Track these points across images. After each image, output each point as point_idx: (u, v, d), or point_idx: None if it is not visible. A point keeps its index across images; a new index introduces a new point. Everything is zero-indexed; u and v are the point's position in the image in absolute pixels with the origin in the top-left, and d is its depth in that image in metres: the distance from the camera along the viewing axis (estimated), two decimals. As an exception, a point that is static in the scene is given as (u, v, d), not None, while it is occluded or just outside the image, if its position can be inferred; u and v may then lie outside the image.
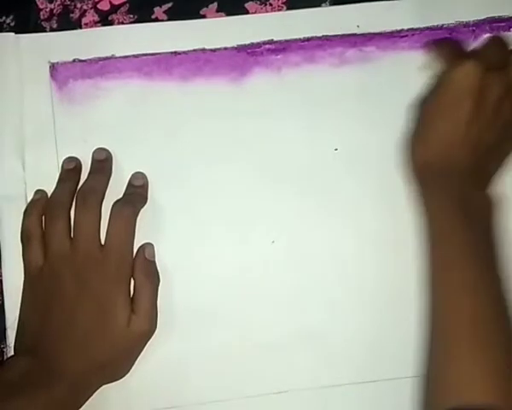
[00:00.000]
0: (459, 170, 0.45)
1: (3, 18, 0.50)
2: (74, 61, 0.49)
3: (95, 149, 0.49)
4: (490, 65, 0.45)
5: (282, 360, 0.48)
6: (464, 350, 0.40)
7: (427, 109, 0.47)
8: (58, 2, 0.51)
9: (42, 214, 0.46)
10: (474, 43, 0.50)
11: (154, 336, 0.46)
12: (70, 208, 0.46)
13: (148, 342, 0.46)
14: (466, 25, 0.50)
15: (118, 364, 0.46)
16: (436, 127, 0.46)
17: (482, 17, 0.50)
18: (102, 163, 0.48)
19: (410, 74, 0.50)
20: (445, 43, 0.50)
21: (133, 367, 0.46)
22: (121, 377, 0.46)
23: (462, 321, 0.41)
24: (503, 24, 0.50)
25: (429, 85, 0.48)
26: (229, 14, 0.50)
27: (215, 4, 0.51)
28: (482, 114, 0.45)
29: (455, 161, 0.45)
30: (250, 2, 0.51)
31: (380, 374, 0.48)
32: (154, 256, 0.47)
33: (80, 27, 0.50)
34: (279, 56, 0.50)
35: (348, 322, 0.48)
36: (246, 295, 0.48)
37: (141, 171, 0.49)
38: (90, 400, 0.45)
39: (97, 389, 0.45)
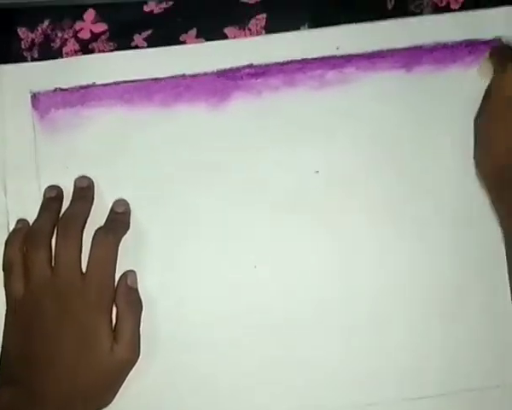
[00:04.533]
0: None
1: (-15, 48, 0.51)
2: (55, 90, 0.50)
3: (77, 176, 0.49)
4: None
5: (267, 387, 0.47)
6: None
7: (486, 121, 0.47)
8: (39, 32, 0.51)
9: (23, 243, 0.46)
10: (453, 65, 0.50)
11: (137, 364, 0.46)
12: (51, 237, 0.46)
13: (132, 371, 0.46)
14: (445, 46, 0.50)
15: (101, 392, 0.45)
16: (498, 136, 0.46)
17: (461, 39, 0.51)
18: (84, 191, 0.48)
19: (390, 95, 0.50)
20: (496, 48, 0.50)
21: (117, 396, 0.46)
22: (105, 407, 0.46)
23: None
24: (481, 46, 0.50)
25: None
26: (208, 39, 0.51)
27: (194, 30, 0.51)
28: None
29: None
30: (229, 27, 0.51)
31: (369, 398, 0.48)
32: (136, 284, 0.47)
33: (61, 56, 0.51)
34: (259, 80, 0.50)
35: (335, 346, 0.48)
36: (229, 322, 0.48)
37: (123, 198, 0.49)
38: (73, 430, 0.44)
39: (80, 418, 0.45)
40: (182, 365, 0.47)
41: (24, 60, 0.51)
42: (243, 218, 0.49)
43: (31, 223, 0.48)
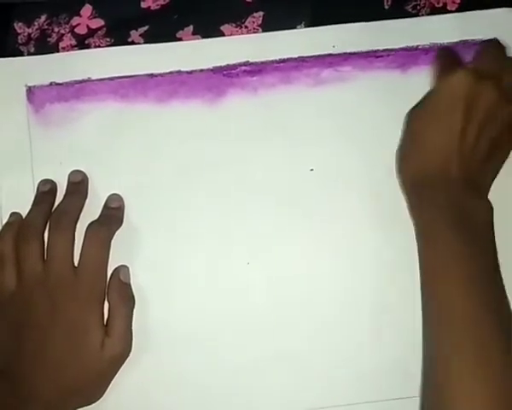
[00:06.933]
0: (453, 179, 0.44)
1: (-19, 42, 0.51)
2: (51, 84, 0.50)
3: (70, 171, 0.49)
4: (483, 73, 0.45)
5: (259, 383, 0.47)
6: (465, 368, 0.39)
7: (419, 119, 0.46)
8: (36, 27, 0.51)
9: (16, 237, 0.46)
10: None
11: (128, 359, 0.46)
12: (44, 231, 0.46)
13: (123, 366, 0.46)
14: (440, 46, 0.50)
15: (91, 387, 0.45)
16: (428, 137, 0.45)
17: (456, 39, 0.51)
18: (78, 185, 0.48)
19: (385, 94, 0.50)
20: (441, 52, 0.50)
21: (107, 391, 0.46)
22: (95, 401, 0.46)
23: (454, 331, 0.40)
24: (476, 47, 0.50)
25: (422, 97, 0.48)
26: (204, 36, 0.51)
27: (191, 27, 0.51)
28: (475, 122, 0.44)
29: (447, 168, 0.44)
30: (226, 25, 0.51)
31: (361, 397, 0.47)
32: (129, 279, 0.47)
33: (58, 51, 0.51)
34: (255, 78, 0.50)
35: (327, 343, 0.48)
36: (222, 318, 0.47)
37: (117, 193, 0.48)
38: (62, 424, 0.44)
39: (71, 413, 0.45)
40: (173, 360, 0.47)
41: (20, 54, 0.51)
42: (237, 214, 0.49)
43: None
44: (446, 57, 0.49)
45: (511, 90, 0.45)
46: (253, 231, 0.48)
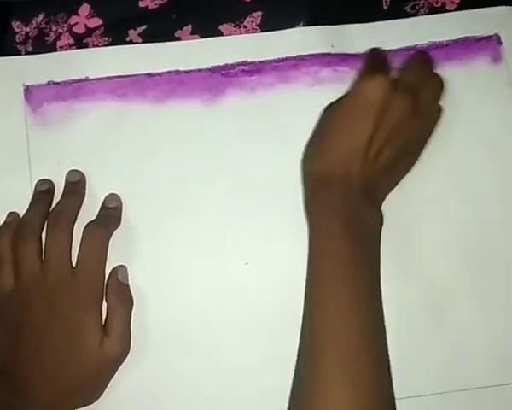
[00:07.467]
0: (351, 183, 0.44)
1: (-22, 41, 0.51)
2: (49, 83, 0.49)
3: (68, 171, 0.48)
4: (401, 83, 0.44)
5: (257, 384, 0.47)
6: (328, 368, 0.40)
7: (331, 117, 0.46)
8: (33, 26, 0.51)
9: (13, 237, 0.46)
10: (447, 64, 0.50)
11: (126, 359, 0.45)
12: (41, 230, 0.46)
13: (121, 366, 0.45)
14: (439, 45, 0.50)
15: (89, 388, 0.45)
16: (336, 137, 0.45)
17: (455, 37, 0.51)
18: (75, 185, 0.48)
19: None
20: (372, 52, 0.49)
21: (105, 391, 0.46)
22: (93, 402, 0.45)
23: (328, 338, 0.41)
24: (475, 46, 0.50)
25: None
26: (203, 36, 0.51)
27: (189, 27, 0.51)
28: (382, 131, 0.44)
29: (348, 172, 0.44)
30: (224, 25, 0.51)
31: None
32: (127, 279, 0.47)
33: (55, 50, 0.50)
34: (253, 77, 0.50)
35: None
36: (220, 318, 0.47)
37: (114, 193, 0.48)
38: (60, 425, 0.44)
39: (68, 414, 0.45)
40: (171, 360, 0.47)
41: (18, 53, 0.51)
42: (235, 214, 0.48)
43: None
44: (374, 59, 0.49)
45: (426, 105, 0.45)
46: (251, 231, 0.48)
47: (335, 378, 0.39)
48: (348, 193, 0.44)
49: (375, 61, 0.48)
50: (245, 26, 0.51)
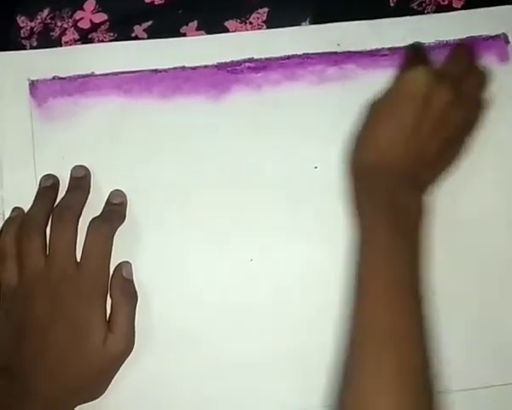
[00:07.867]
0: (396, 172, 0.44)
1: (-17, 36, 0.50)
2: (54, 78, 0.49)
3: (73, 166, 0.48)
4: (443, 73, 0.45)
5: (261, 380, 0.47)
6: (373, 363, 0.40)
7: (376, 109, 0.47)
8: (38, 21, 0.51)
9: (18, 232, 0.46)
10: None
11: (130, 355, 0.45)
12: (46, 226, 0.45)
13: (125, 362, 0.45)
14: (446, 44, 0.50)
15: (93, 384, 0.45)
16: (381, 127, 0.45)
17: (462, 36, 0.50)
18: (80, 180, 0.48)
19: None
20: (411, 47, 0.50)
21: (109, 387, 0.45)
22: (96, 398, 0.45)
23: (378, 328, 0.41)
24: (482, 44, 0.50)
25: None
26: (209, 32, 0.51)
27: (195, 23, 0.51)
28: (427, 121, 0.44)
29: (393, 161, 0.45)
30: (230, 21, 0.51)
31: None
32: (131, 275, 0.47)
33: (60, 45, 0.50)
34: (259, 74, 0.50)
35: (330, 341, 0.47)
36: (225, 314, 0.47)
37: (119, 189, 0.48)
38: (63, 421, 0.44)
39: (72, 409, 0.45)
40: (175, 356, 0.47)
41: (23, 48, 0.50)
42: (240, 211, 0.48)
43: (26, 212, 0.47)
44: (415, 54, 0.49)
45: (469, 96, 0.46)
46: (256, 228, 0.48)
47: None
48: (392, 182, 0.44)
49: (417, 53, 0.49)
50: (251, 23, 0.51)
